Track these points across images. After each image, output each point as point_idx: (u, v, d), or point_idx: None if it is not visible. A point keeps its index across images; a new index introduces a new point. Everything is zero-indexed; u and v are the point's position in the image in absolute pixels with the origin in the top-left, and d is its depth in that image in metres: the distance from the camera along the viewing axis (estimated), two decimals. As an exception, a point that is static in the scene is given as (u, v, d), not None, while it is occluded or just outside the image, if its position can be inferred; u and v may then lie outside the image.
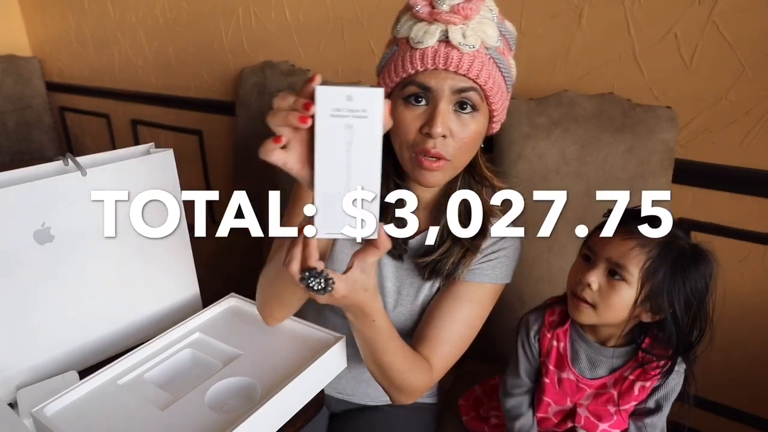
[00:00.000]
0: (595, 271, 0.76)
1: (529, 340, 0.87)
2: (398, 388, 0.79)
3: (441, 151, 0.73)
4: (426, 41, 0.70)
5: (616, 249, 0.74)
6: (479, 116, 0.74)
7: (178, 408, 0.66)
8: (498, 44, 0.73)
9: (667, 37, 1.17)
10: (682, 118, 1.17)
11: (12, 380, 0.74)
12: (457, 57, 0.69)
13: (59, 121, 2.96)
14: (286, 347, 0.77)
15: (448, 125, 0.72)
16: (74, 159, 0.75)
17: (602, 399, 0.82)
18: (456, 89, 0.71)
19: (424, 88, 0.72)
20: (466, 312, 0.84)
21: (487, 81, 0.71)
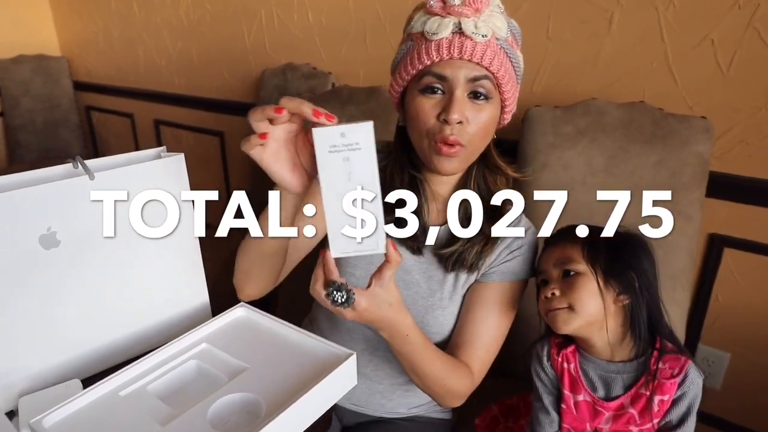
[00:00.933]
0: (551, 282, 0.81)
1: (543, 368, 0.87)
2: (441, 395, 0.84)
3: (458, 138, 0.76)
4: (441, 32, 0.73)
5: (554, 255, 0.81)
6: (493, 104, 0.77)
7: (180, 424, 0.63)
8: (507, 36, 0.77)
9: (703, 43, 1.12)
10: (718, 128, 1.12)
11: (14, 387, 0.73)
12: (471, 46, 0.72)
13: (85, 121, 3.01)
14: (294, 362, 0.74)
15: (464, 112, 0.75)
16: (83, 162, 0.73)
17: (622, 421, 0.80)
18: (470, 77, 0.74)
19: (440, 77, 0.75)
20: (497, 316, 0.88)
21: (499, 69, 0.75)
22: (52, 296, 0.74)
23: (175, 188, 0.82)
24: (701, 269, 1.25)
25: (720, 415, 1.34)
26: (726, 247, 1.22)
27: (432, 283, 0.89)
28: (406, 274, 0.90)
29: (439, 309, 0.89)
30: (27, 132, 2.82)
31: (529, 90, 1.37)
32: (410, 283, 0.90)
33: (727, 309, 1.26)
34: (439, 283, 0.89)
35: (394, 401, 0.98)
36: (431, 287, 0.89)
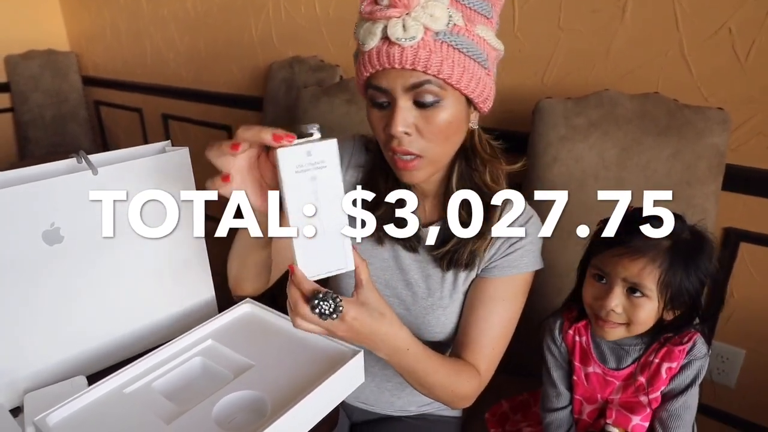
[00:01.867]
0: (614, 295, 0.75)
1: (555, 341, 0.87)
2: (450, 400, 0.80)
3: (408, 148, 0.72)
4: (369, 42, 0.68)
5: (628, 269, 0.74)
6: (447, 104, 0.70)
7: (184, 422, 0.63)
8: (449, 24, 0.66)
9: (720, 32, 1.09)
10: (735, 119, 1.09)
11: (19, 384, 0.72)
12: (399, 52, 0.66)
13: (94, 115, 3.01)
14: (300, 359, 0.73)
15: (409, 122, 0.70)
16: (86, 157, 0.73)
17: (631, 390, 0.80)
18: (408, 86, 0.68)
19: (380, 89, 0.70)
20: (502, 312, 0.83)
21: (440, 69, 0.67)
22: (56, 292, 0.74)
23: (179, 183, 0.82)
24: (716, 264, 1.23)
25: (735, 413, 1.32)
26: (742, 242, 1.19)
27: (431, 282, 0.87)
28: (405, 274, 0.88)
29: (440, 308, 0.87)
30: (36, 127, 2.84)
31: (540, 81, 1.34)
32: (409, 282, 0.88)
33: (743, 305, 1.23)
34: (438, 282, 0.86)
35: (403, 399, 0.97)
36: (430, 286, 0.87)
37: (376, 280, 0.86)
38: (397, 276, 0.88)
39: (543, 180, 1.14)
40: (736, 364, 1.28)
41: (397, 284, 0.88)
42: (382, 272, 0.89)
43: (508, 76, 1.39)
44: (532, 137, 1.17)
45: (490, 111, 0.78)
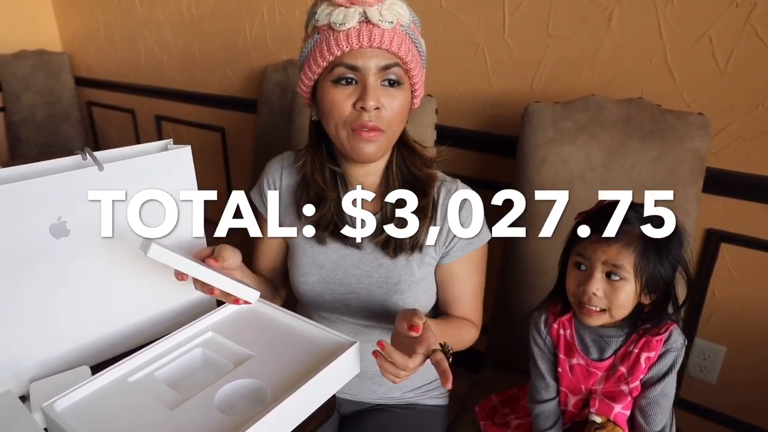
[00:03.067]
0: (594, 280, 0.79)
1: (541, 334, 0.90)
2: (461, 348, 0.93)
3: (377, 123, 0.80)
4: (348, 22, 0.75)
5: (607, 253, 0.78)
6: (404, 90, 0.82)
7: (187, 409, 0.65)
8: (410, 22, 0.80)
9: (701, 41, 1.13)
10: (715, 125, 1.13)
11: (25, 373, 0.74)
12: (379, 33, 0.76)
13: (86, 116, 3.01)
14: (298, 350, 0.75)
15: (379, 98, 0.79)
16: (92, 153, 0.75)
17: (613, 379, 0.84)
18: (381, 66, 0.78)
19: (352, 67, 0.78)
20: (473, 281, 0.95)
21: (407, 54, 0.79)
22: (62, 285, 0.75)
23: (182, 180, 0.84)
24: (698, 264, 1.27)
25: (716, 408, 1.36)
26: (722, 243, 1.23)
27: (382, 271, 0.91)
28: (356, 269, 0.92)
29: (397, 294, 0.91)
30: (28, 127, 2.83)
31: (528, 86, 1.38)
32: (361, 276, 0.92)
33: (724, 304, 1.28)
34: (389, 270, 0.90)
35: (385, 386, 1.00)
36: (382, 275, 0.91)
37: (329, 282, 0.93)
38: (349, 273, 0.92)
39: (532, 181, 1.17)
40: (717, 361, 1.32)
41: (350, 281, 0.93)
42: (334, 273, 0.93)
43: (498, 81, 1.43)
44: (521, 140, 1.21)
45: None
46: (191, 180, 0.85)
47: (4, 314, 0.71)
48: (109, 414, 0.65)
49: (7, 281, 0.70)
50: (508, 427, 1.00)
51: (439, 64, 1.50)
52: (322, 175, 0.90)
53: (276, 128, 1.86)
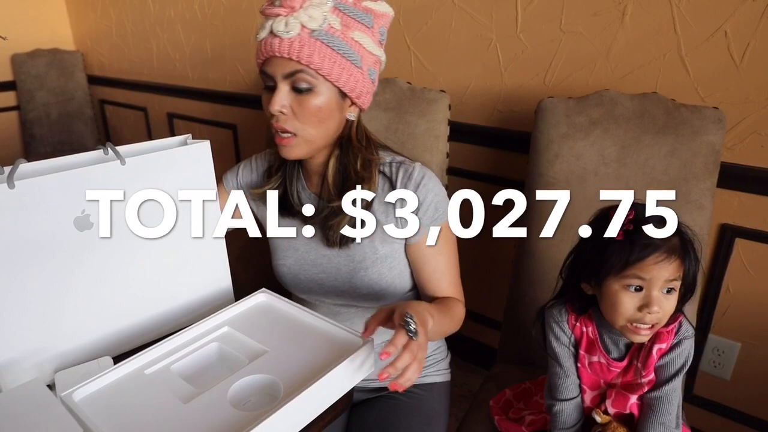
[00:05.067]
0: (656, 299, 0.76)
1: (565, 332, 0.88)
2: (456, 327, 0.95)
3: (284, 126, 0.84)
4: (260, 34, 0.83)
5: (668, 270, 0.76)
6: (319, 92, 0.83)
7: (201, 402, 0.65)
8: (321, 26, 0.80)
9: (717, 34, 1.13)
10: (730, 119, 1.13)
11: (49, 363, 0.76)
12: (278, 43, 0.80)
13: (99, 114, 3.04)
14: (313, 347, 0.75)
15: (285, 104, 0.83)
16: (114, 148, 0.76)
17: (631, 373, 0.85)
18: (285, 74, 0.82)
19: (267, 75, 0.84)
20: (445, 256, 0.96)
21: (311, 60, 0.80)
22: (86, 277, 0.77)
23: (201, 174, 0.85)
24: (712, 259, 1.26)
25: (731, 405, 1.36)
26: (737, 238, 1.23)
27: (348, 250, 0.95)
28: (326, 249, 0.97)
29: (362, 271, 0.95)
30: (42, 125, 2.86)
31: (541, 82, 1.38)
32: (330, 256, 0.97)
33: (738, 299, 1.27)
34: (354, 248, 0.95)
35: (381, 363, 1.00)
36: (348, 253, 0.96)
37: (303, 263, 1.00)
38: (320, 253, 0.98)
39: (545, 176, 1.17)
40: (732, 357, 1.32)
41: (321, 261, 0.98)
42: (307, 254, 0.99)
43: (511, 77, 1.43)
44: (534, 135, 1.21)
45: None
46: (210, 174, 0.86)
47: (30, 304, 0.73)
48: (125, 405, 0.66)
49: (32, 272, 0.72)
50: (522, 423, 1.01)
51: (452, 60, 1.50)
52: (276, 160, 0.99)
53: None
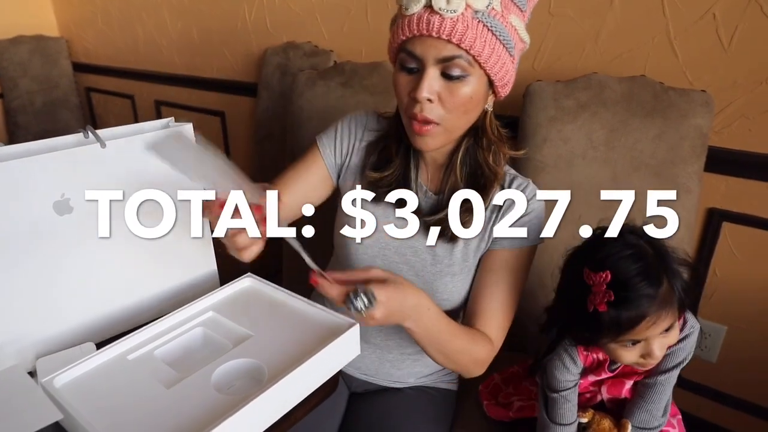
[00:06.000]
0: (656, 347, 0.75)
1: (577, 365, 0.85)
2: (467, 366, 0.84)
3: (428, 115, 0.76)
4: (411, 8, 0.72)
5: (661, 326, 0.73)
6: (471, 80, 0.75)
7: (184, 387, 0.65)
8: (486, 7, 0.71)
9: (705, 17, 1.12)
10: (718, 103, 1.13)
11: (31, 349, 0.75)
12: (439, 22, 0.70)
13: (85, 102, 3.00)
14: (298, 331, 0.75)
15: (434, 90, 0.74)
16: (94, 131, 0.75)
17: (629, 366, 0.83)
18: (440, 58, 0.72)
19: (412, 55, 0.74)
20: (510, 280, 0.87)
21: (473, 45, 0.71)
22: (67, 261, 0.76)
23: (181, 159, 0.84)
24: (700, 243, 1.27)
25: (716, 387, 1.37)
26: (724, 222, 1.23)
27: (435, 250, 0.89)
28: (415, 241, 0.90)
29: (449, 276, 0.89)
30: (26, 113, 2.81)
31: (530, 66, 1.37)
32: (419, 249, 0.90)
33: (725, 283, 1.28)
34: (446, 250, 0.89)
35: (403, 371, 1.00)
36: (438, 252, 0.89)
37: (385, 248, 0.92)
38: (408, 243, 0.91)
39: (533, 160, 1.17)
40: (718, 340, 1.33)
41: (405, 251, 0.91)
42: (392, 239, 0.91)
43: (500, 61, 1.42)
44: (522, 119, 1.21)
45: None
46: (192, 159, 0.85)
47: (9, 290, 0.71)
48: (107, 391, 0.65)
49: (11, 258, 0.70)
50: (511, 408, 1.01)
51: (440, 44, 1.49)
52: (397, 142, 0.88)
53: (276, 111, 1.85)
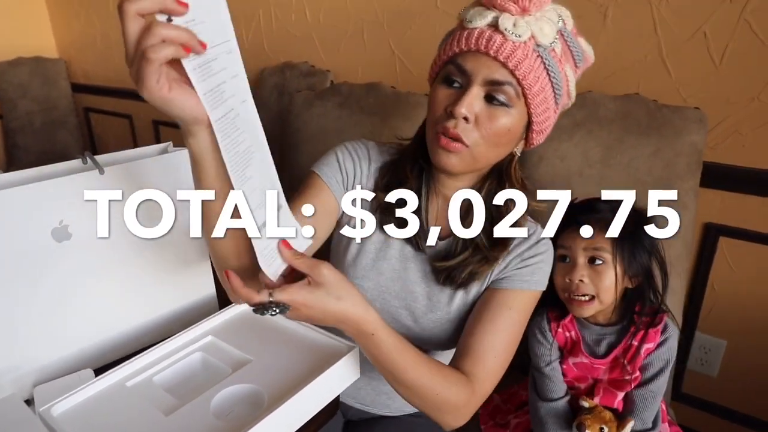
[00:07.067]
0: (578, 267, 0.84)
1: (547, 338, 0.91)
2: (438, 408, 0.73)
3: (460, 134, 0.71)
4: (475, 22, 0.69)
5: (586, 240, 0.82)
6: (513, 113, 0.71)
7: (183, 414, 0.64)
8: (551, 45, 0.69)
9: (696, 36, 1.14)
10: (712, 119, 1.14)
11: (29, 377, 0.74)
12: (500, 42, 0.67)
13: (84, 122, 3.01)
14: (298, 355, 0.75)
15: (473, 109, 0.70)
16: (92, 157, 0.75)
17: (617, 371, 0.87)
18: (489, 79, 0.69)
19: (461, 70, 0.70)
20: (507, 320, 0.78)
21: (526, 76, 0.68)
22: (66, 288, 0.76)
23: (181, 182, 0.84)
24: (697, 258, 1.27)
25: (717, 402, 1.36)
26: (721, 236, 1.24)
27: (435, 296, 0.84)
28: (416, 285, 0.85)
29: (448, 322, 0.84)
30: (25, 134, 2.83)
31: (525, 84, 1.38)
32: (418, 295, 0.85)
33: (723, 297, 1.28)
34: (446, 296, 0.84)
35: (398, 402, 0.95)
36: (435, 300, 0.84)
37: (385, 292, 0.86)
38: (408, 288, 0.86)
39: (530, 178, 1.17)
40: (718, 355, 1.32)
41: (406, 296, 0.86)
42: (392, 282, 0.86)
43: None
44: (519, 138, 1.21)
45: None
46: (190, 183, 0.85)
47: (8, 318, 0.71)
48: (105, 419, 0.65)
49: (10, 285, 0.70)
50: (508, 427, 1.00)
51: (436, 63, 1.50)
52: (411, 167, 0.82)
53: (273, 131, 1.86)
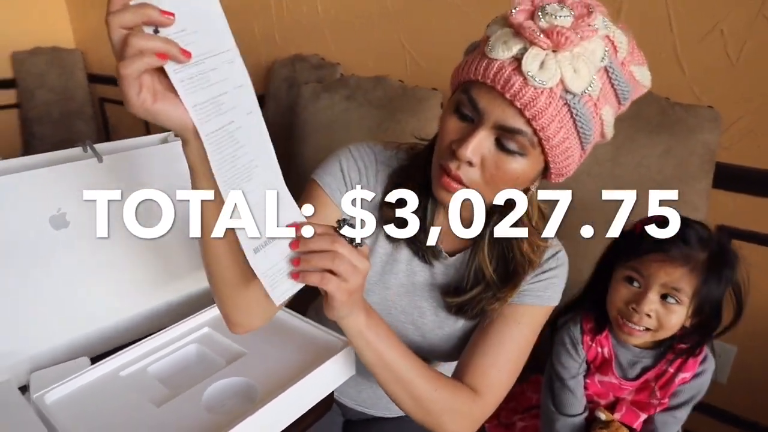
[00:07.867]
0: (649, 299, 0.76)
1: (578, 351, 0.86)
2: (437, 417, 0.70)
3: (462, 175, 0.64)
4: (496, 51, 0.58)
5: (670, 275, 0.75)
6: (525, 161, 0.63)
7: (174, 405, 0.64)
8: (584, 91, 0.58)
9: (713, 33, 1.11)
10: (726, 118, 1.11)
11: (25, 364, 0.75)
12: (519, 85, 0.57)
13: (99, 112, 3.04)
14: (292, 349, 0.74)
15: (480, 153, 0.62)
16: (92, 146, 0.75)
17: (645, 393, 0.84)
18: (501, 125, 0.60)
19: (473, 104, 0.62)
20: (515, 334, 0.75)
21: (545, 127, 0.59)
22: (62, 276, 0.76)
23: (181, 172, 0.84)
24: (708, 261, 1.25)
25: (727, 409, 1.34)
26: (733, 239, 1.21)
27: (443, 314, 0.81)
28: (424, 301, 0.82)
29: (457, 340, 0.82)
30: (42, 124, 2.86)
31: (536, 80, 1.36)
32: (425, 310, 0.82)
33: (735, 302, 1.25)
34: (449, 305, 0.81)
35: None
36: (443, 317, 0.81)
37: (391, 307, 0.83)
38: (415, 303, 0.82)
39: (538, 176, 1.16)
40: (728, 361, 1.30)
41: (412, 311, 0.83)
42: (399, 297, 0.83)
43: (505, 75, 1.41)
44: (527, 134, 1.20)
45: None
46: (189, 173, 0.85)
47: (5, 304, 0.72)
48: (97, 408, 0.65)
49: (7, 272, 0.71)
50: (514, 429, 0.99)
51: (447, 59, 1.48)
52: (423, 174, 0.74)
53: (283, 123, 1.86)
